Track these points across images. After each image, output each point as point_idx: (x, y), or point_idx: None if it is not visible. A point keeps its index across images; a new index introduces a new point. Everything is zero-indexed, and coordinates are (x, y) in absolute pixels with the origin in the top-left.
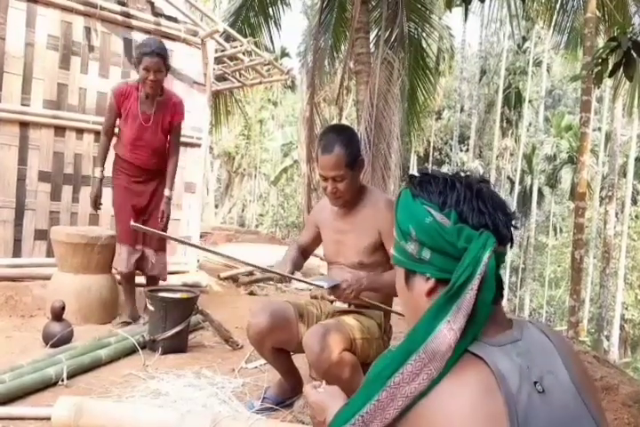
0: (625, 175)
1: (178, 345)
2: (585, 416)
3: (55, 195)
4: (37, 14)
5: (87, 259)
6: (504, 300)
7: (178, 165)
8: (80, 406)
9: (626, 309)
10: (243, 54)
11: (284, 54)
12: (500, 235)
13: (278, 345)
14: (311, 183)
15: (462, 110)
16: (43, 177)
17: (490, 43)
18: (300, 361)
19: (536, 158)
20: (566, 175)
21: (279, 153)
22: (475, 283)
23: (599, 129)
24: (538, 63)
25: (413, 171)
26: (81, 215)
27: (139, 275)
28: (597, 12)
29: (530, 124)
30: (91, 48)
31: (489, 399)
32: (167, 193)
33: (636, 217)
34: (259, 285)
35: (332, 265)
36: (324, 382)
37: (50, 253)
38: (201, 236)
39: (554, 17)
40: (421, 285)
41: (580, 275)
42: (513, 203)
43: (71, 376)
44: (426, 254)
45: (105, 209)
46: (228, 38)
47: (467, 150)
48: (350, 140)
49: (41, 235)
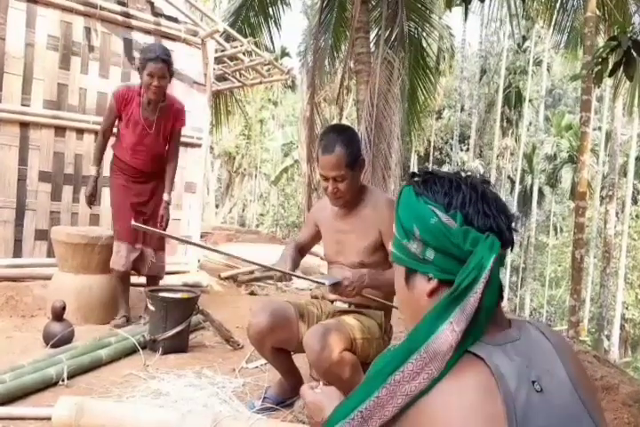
0: (625, 175)
1: (178, 345)
2: (583, 415)
3: (55, 195)
4: (37, 14)
5: (88, 259)
6: (504, 300)
7: (178, 166)
8: (81, 406)
9: (626, 308)
10: (243, 54)
11: (285, 54)
12: (504, 238)
13: (279, 345)
14: (312, 183)
15: (462, 110)
16: (43, 177)
17: (490, 42)
18: (301, 361)
19: (536, 158)
20: (566, 175)
21: (279, 153)
22: (480, 287)
23: (599, 128)
24: (538, 62)
25: (414, 169)
26: (81, 215)
27: (133, 275)
28: (597, 12)
29: (530, 123)
30: (91, 48)
31: (488, 399)
32: (166, 197)
33: (637, 216)
34: (259, 285)
35: (333, 265)
36: (322, 382)
37: (50, 253)
38: (201, 236)
39: (554, 16)
40: (423, 284)
41: (581, 274)
42: (513, 202)
43: (72, 376)
44: (429, 255)
45: (105, 209)
46: (229, 38)
47: (467, 150)
48: (351, 140)
49: (41, 235)
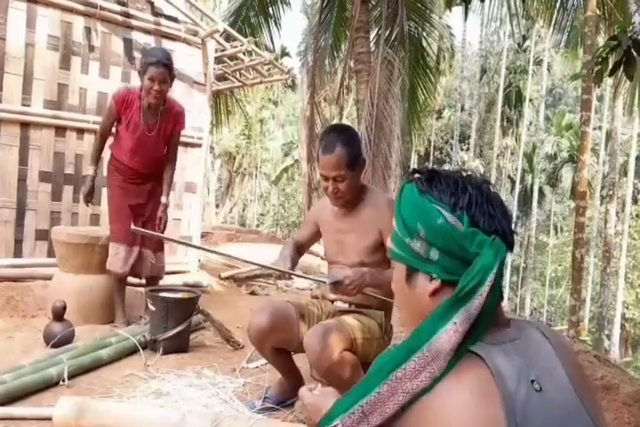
0: (626, 174)
1: (179, 345)
2: (582, 415)
3: (56, 195)
4: (37, 14)
5: (88, 259)
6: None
7: (179, 166)
8: (81, 406)
9: (627, 308)
10: (243, 54)
11: (285, 54)
12: (507, 240)
13: (279, 345)
14: (312, 183)
15: (463, 109)
16: (43, 177)
17: (490, 42)
18: (301, 361)
19: (537, 157)
20: (567, 174)
21: (280, 152)
22: (485, 290)
23: (600, 128)
24: (538, 62)
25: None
26: (82, 216)
27: (135, 277)
28: (597, 11)
29: (530, 122)
30: (91, 48)
31: (487, 398)
32: (164, 200)
33: (637, 216)
34: (260, 284)
35: (333, 264)
36: (320, 385)
37: (51, 253)
38: (202, 236)
39: (554, 15)
40: (425, 284)
41: (581, 274)
42: (514, 202)
43: (72, 376)
44: (434, 255)
45: (105, 209)
46: (229, 38)
47: (467, 149)
48: (351, 140)
49: (42, 235)
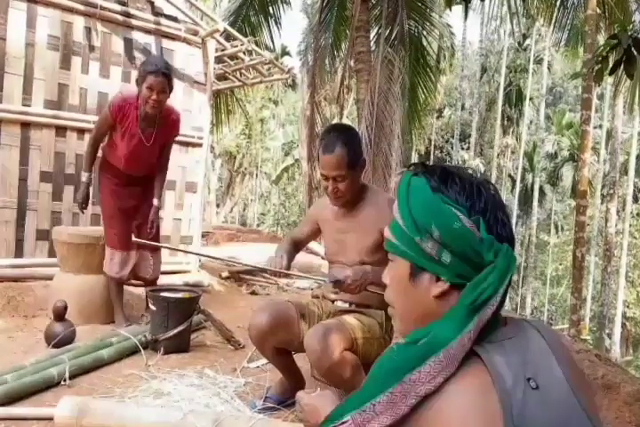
0: (626, 173)
1: (180, 345)
2: (578, 412)
3: (57, 195)
4: (38, 14)
5: (89, 259)
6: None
7: (179, 165)
8: (82, 406)
9: (627, 307)
10: (243, 53)
11: (285, 53)
12: (513, 246)
13: (280, 345)
14: (312, 182)
15: (463, 108)
16: (44, 177)
17: (490, 40)
18: (302, 361)
19: (537, 156)
20: (567, 173)
21: (280, 152)
22: (497, 299)
23: (600, 127)
24: (538, 61)
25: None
26: (82, 216)
27: (137, 280)
28: (598, 10)
29: (531, 121)
30: (91, 48)
31: (485, 397)
32: (156, 203)
33: (638, 215)
34: (260, 284)
35: (333, 264)
36: (319, 388)
37: (52, 253)
38: (202, 235)
39: (554, 14)
40: (429, 284)
41: (582, 273)
42: (514, 201)
43: (73, 376)
44: (446, 258)
45: None
46: (229, 37)
47: (468, 148)
48: (352, 139)
49: (43, 235)
